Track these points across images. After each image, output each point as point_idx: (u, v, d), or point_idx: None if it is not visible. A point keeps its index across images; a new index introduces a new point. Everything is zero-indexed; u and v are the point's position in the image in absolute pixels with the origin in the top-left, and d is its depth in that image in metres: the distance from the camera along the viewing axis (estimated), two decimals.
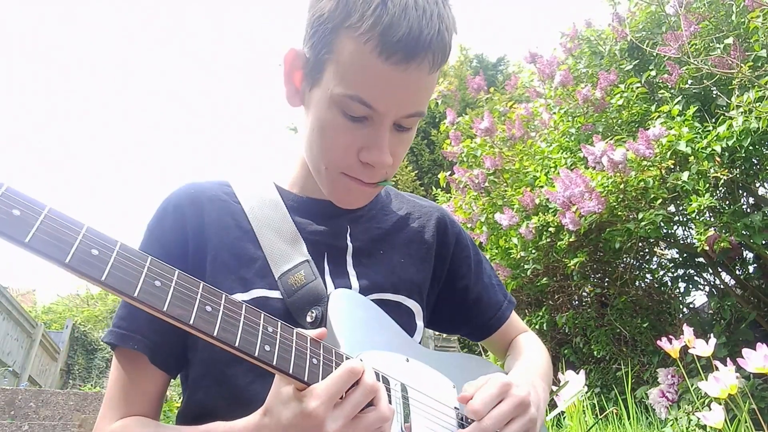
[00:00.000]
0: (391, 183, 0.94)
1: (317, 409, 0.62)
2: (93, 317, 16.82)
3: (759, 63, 3.03)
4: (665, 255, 4.19)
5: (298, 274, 0.84)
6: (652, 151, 2.98)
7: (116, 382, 0.84)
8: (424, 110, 0.82)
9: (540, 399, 0.84)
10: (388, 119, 0.78)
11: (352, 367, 0.65)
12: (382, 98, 0.76)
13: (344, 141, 0.80)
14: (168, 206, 0.90)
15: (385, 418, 0.66)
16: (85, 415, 4.02)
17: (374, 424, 0.65)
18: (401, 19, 0.72)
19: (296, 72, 0.86)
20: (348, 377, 0.64)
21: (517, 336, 1.11)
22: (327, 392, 0.63)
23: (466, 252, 1.07)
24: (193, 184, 0.94)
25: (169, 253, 0.84)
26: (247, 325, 0.64)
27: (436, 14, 0.74)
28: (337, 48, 0.77)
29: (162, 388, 0.86)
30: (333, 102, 0.78)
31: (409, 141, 0.87)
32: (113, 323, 0.85)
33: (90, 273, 0.52)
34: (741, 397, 1.83)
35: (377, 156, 0.80)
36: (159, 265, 0.58)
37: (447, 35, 0.76)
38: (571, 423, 2.56)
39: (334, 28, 0.76)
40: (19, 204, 0.50)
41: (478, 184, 4.01)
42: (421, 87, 0.78)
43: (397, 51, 0.73)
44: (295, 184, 0.97)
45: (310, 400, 0.63)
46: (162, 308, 0.56)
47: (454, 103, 5.22)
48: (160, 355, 0.84)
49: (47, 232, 0.50)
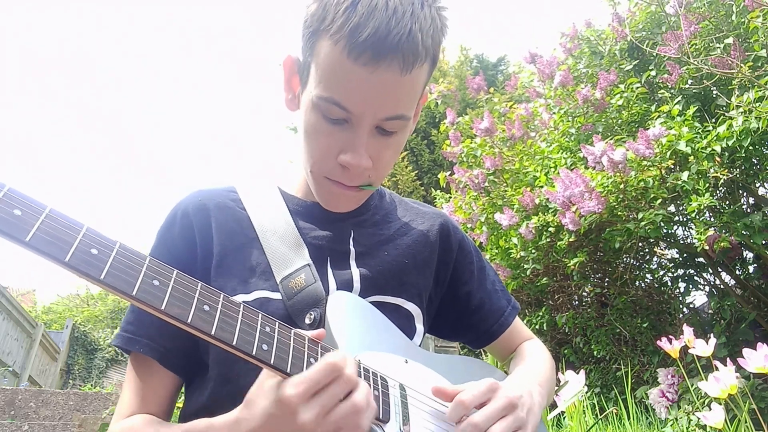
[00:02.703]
0: (383, 188, 0.94)
1: (292, 397, 0.62)
2: (93, 317, 16.83)
3: (759, 63, 3.03)
4: (665, 255, 4.19)
5: (298, 278, 0.85)
6: (652, 151, 2.98)
7: (128, 383, 0.87)
8: (406, 113, 0.81)
9: (534, 403, 0.83)
10: (365, 121, 0.79)
11: (333, 361, 0.64)
12: (355, 100, 0.77)
13: (325, 144, 0.81)
14: (176, 214, 0.92)
15: (358, 408, 0.65)
16: (85, 415, 4.03)
17: (348, 414, 0.64)
18: (368, 20, 0.72)
19: (294, 77, 0.88)
20: (328, 369, 0.64)
21: (522, 343, 1.11)
22: (304, 382, 0.63)
23: (469, 258, 1.07)
24: (201, 191, 0.96)
25: (179, 260, 0.86)
26: (245, 324, 0.64)
27: (408, 14, 0.74)
28: (316, 51, 0.78)
29: (172, 391, 0.88)
30: (314, 105, 0.80)
31: (397, 145, 0.85)
32: (121, 327, 0.88)
33: (89, 272, 0.53)
34: (741, 397, 1.83)
35: (353, 158, 0.80)
36: (158, 265, 0.59)
37: (421, 36, 0.75)
38: (571, 423, 2.56)
39: (315, 31, 0.78)
40: (20, 204, 0.51)
41: (478, 184, 4.02)
42: (397, 89, 0.77)
43: (365, 51, 0.73)
44: (299, 188, 0.98)
45: (285, 388, 0.63)
46: (160, 307, 0.57)
47: (454, 103, 5.22)
48: (171, 358, 0.85)
49: (48, 231, 0.51)
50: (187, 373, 0.88)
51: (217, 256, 0.88)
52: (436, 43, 0.79)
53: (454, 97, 5.22)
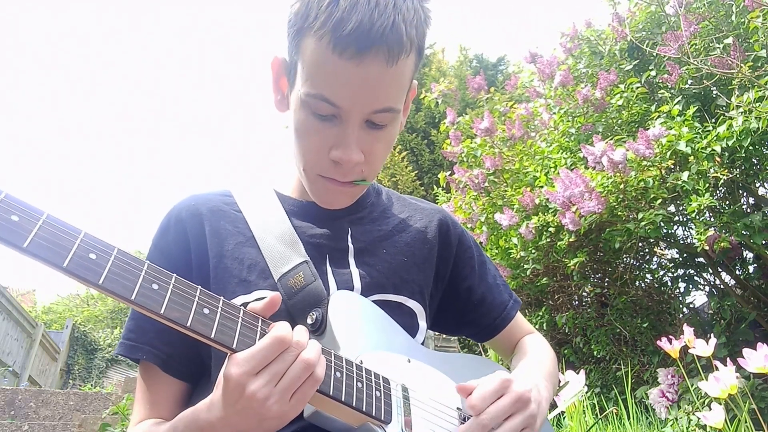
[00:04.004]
0: (380, 185, 0.94)
1: (239, 375, 0.62)
2: (93, 317, 16.84)
3: (759, 63, 3.03)
4: (665, 255, 4.18)
5: (297, 276, 0.85)
6: (652, 151, 2.98)
7: (138, 391, 0.88)
8: (395, 106, 0.81)
9: (542, 397, 0.84)
10: (355, 116, 0.79)
11: (280, 335, 0.64)
12: (343, 95, 0.77)
13: (316, 141, 0.81)
14: (170, 220, 0.92)
15: (309, 363, 0.65)
16: (85, 415, 4.02)
17: (300, 372, 0.64)
18: (351, 13, 0.72)
19: (282, 78, 0.88)
20: (275, 343, 0.64)
21: (523, 337, 1.11)
22: (249, 359, 0.62)
23: (469, 253, 1.07)
24: (194, 196, 0.96)
25: (175, 266, 0.86)
26: (245, 327, 0.64)
27: (391, 6, 0.74)
28: (302, 49, 0.78)
29: (179, 396, 0.88)
30: (302, 103, 0.80)
31: (388, 138, 0.85)
32: (122, 335, 0.88)
33: (88, 277, 0.53)
34: (741, 397, 1.84)
35: (344, 153, 0.80)
36: (156, 270, 0.59)
37: (405, 27, 0.75)
38: (571, 423, 2.56)
39: (299, 29, 0.78)
40: (17, 210, 0.51)
41: (478, 184, 4.01)
42: (385, 81, 0.77)
43: (349, 45, 0.73)
44: (294, 189, 0.98)
45: (230, 366, 0.63)
46: (159, 311, 0.57)
47: (454, 103, 5.21)
48: (173, 364, 0.86)
49: (45, 237, 0.51)
50: (191, 378, 0.89)
51: (213, 259, 0.88)
52: (420, 33, 0.79)
53: (454, 96, 5.21)
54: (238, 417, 0.64)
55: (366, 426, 0.73)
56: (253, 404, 0.62)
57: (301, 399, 0.65)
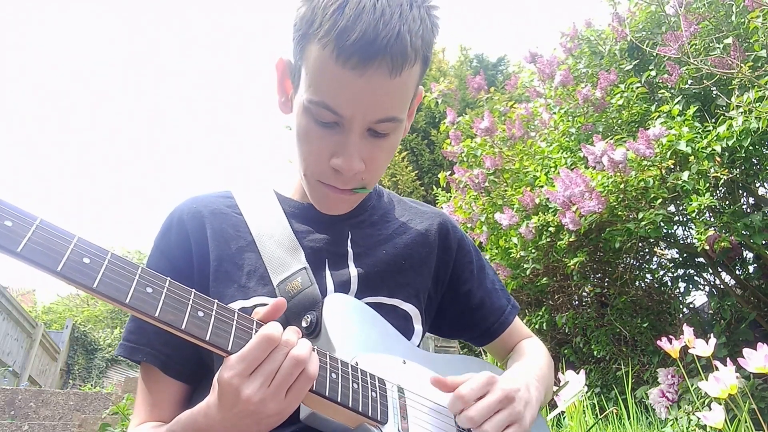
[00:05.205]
0: (381, 187, 0.94)
1: (231, 378, 0.63)
2: (93, 317, 16.85)
3: (759, 63, 3.02)
4: (665, 255, 4.18)
5: (294, 281, 0.85)
6: (652, 151, 2.97)
7: (139, 390, 0.89)
8: (398, 115, 0.80)
9: (532, 398, 0.84)
10: (357, 125, 0.78)
11: (267, 333, 0.64)
12: (345, 103, 0.76)
13: (317, 148, 0.81)
14: (172, 221, 0.93)
15: (300, 359, 0.65)
16: (85, 415, 4.02)
17: (292, 369, 0.65)
18: (355, 23, 0.71)
19: (286, 80, 0.88)
20: (263, 343, 0.64)
21: (520, 341, 1.11)
22: (240, 361, 0.63)
23: (469, 257, 1.07)
24: (195, 198, 0.96)
25: (176, 267, 0.87)
26: (240, 330, 0.64)
27: (397, 16, 0.73)
28: (306, 54, 0.78)
29: (180, 397, 0.88)
30: (305, 109, 0.79)
31: (390, 147, 0.85)
32: (123, 336, 0.89)
33: (82, 281, 0.53)
34: (741, 397, 1.83)
35: (344, 162, 0.80)
36: (151, 273, 0.59)
37: (410, 37, 0.74)
38: (571, 423, 2.56)
39: (304, 35, 0.77)
40: (11, 215, 0.51)
41: (478, 184, 4.01)
42: (388, 91, 0.76)
43: (353, 55, 0.72)
44: (295, 190, 0.98)
45: (223, 371, 0.64)
46: (154, 314, 0.57)
47: (454, 103, 5.21)
48: (173, 366, 0.86)
49: (39, 242, 0.51)
50: (192, 380, 0.89)
51: (214, 262, 0.88)
52: (426, 43, 0.78)
53: (454, 96, 5.21)
54: (237, 419, 0.65)
55: (362, 427, 0.74)
56: (250, 407, 0.63)
57: (296, 396, 0.66)
